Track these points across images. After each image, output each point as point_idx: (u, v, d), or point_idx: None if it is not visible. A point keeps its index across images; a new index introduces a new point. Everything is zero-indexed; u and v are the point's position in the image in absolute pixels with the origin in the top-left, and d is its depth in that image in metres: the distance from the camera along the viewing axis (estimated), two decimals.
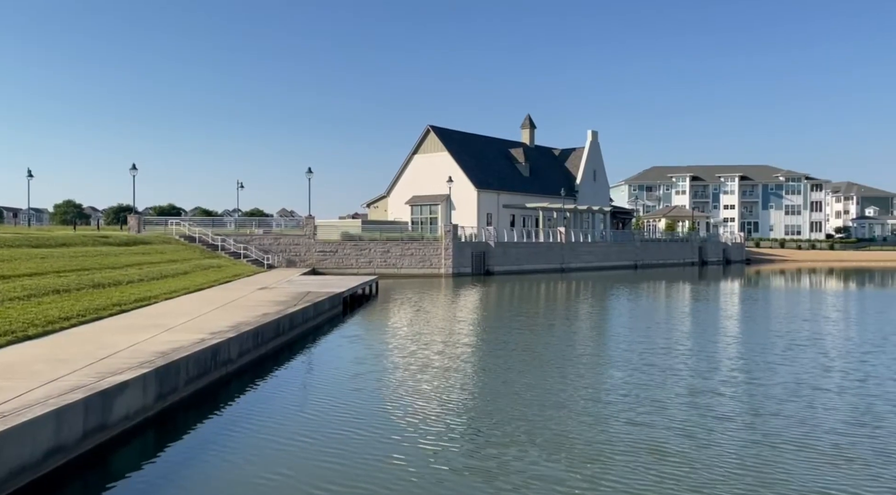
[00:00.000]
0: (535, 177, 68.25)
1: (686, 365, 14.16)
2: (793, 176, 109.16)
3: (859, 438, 8.86)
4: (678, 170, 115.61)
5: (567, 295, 35.18)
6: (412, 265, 48.80)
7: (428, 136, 62.34)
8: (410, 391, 11.82)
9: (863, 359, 14.87)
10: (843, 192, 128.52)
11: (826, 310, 26.65)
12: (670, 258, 71.63)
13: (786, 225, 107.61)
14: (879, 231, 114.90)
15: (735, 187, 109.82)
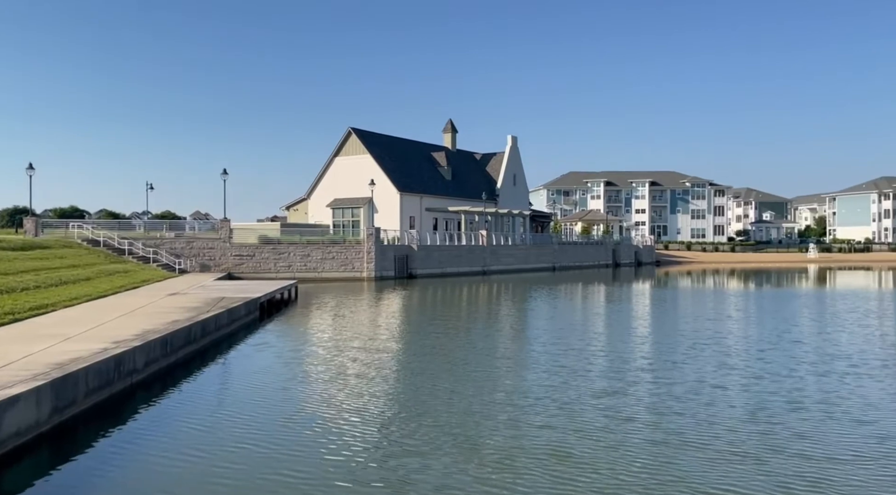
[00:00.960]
0: (458, 181, 68.87)
1: (596, 366, 14.61)
2: (698, 182, 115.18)
3: (755, 435, 9.39)
4: (593, 175, 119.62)
5: (488, 297, 35.66)
6: (333, 269, 48.14)
7: (349, 139, 61.74)
8: (324, 400, 11.64)
9: (760, 356, 15.81)
10: (742, 198, 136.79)
11: (728, 309, 28.23)
12: (586, 260, 73.96)
13: (692, 228, 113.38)
14: (775, 234, 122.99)
15: (646, 192, 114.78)
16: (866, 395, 11.70)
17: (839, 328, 21.39)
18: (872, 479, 7.59)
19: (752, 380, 12.99)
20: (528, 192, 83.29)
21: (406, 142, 67.50)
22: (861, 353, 16.24)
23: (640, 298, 34.88)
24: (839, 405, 10.98)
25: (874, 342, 18.33)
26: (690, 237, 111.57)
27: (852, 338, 18.97)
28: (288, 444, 9.11)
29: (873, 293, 38.52)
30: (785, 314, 26.00)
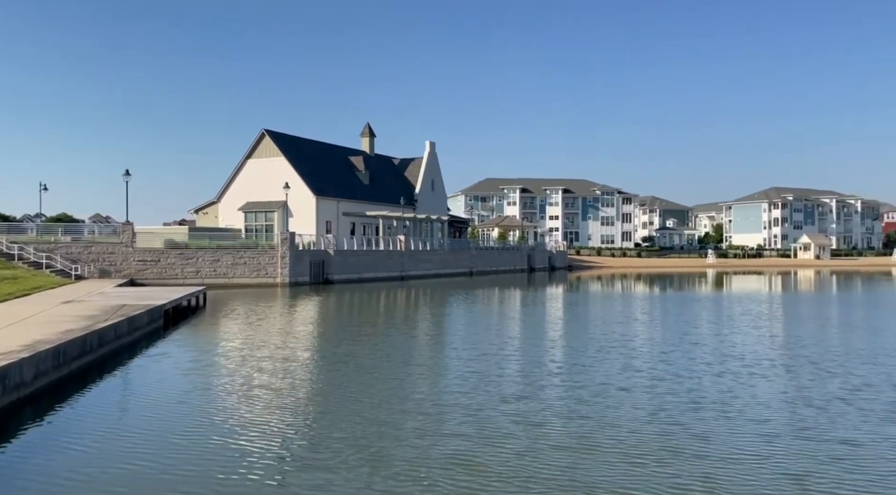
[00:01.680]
0: (376, 186, 68.44)
1: (507, 371, 14.79)
2: (607, 190, 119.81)
3: (656, 437, 9.71)
4: (510, 182, 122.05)
5: (405, 303, 35.58)
6: (245, 274, 46.65)
7: (263, 141, 60.10)
8: (226, 413, 11.18)
9: (662, 358, 16.50)
10: (648, 206, 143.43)
11: (634, 312, 29.43)
12: (502, 265, 75.26)
13: (602, 234, 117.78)
14: (678, 240, 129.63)
15: (559, 199, 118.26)
16: (758, 395, 12.43)
17: (734, 330, 22.71)
18: (764, 477, 8.03)
19: (654, 382, 13.53)
20: (447, 198, 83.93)
21: (322, 145, 66.47)
22: (754, 354, 17.29)
23: (554, 302, 35.80)
24: (733, 405, 11.60)
25: (765, 343, 19.58)
26: (600, 243, 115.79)
27: (746, 340, 20.18)
28: (183, 462, 8.64)
29: (764, 296, 41.24)
30: (686, 317, 27.36)
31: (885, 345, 18.76)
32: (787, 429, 9.98)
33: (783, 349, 18.30)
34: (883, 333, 21.71)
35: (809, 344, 19.17)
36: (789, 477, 7.95)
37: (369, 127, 73.69)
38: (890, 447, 9.10)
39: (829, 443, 9.25)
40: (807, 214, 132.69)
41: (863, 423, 10.32)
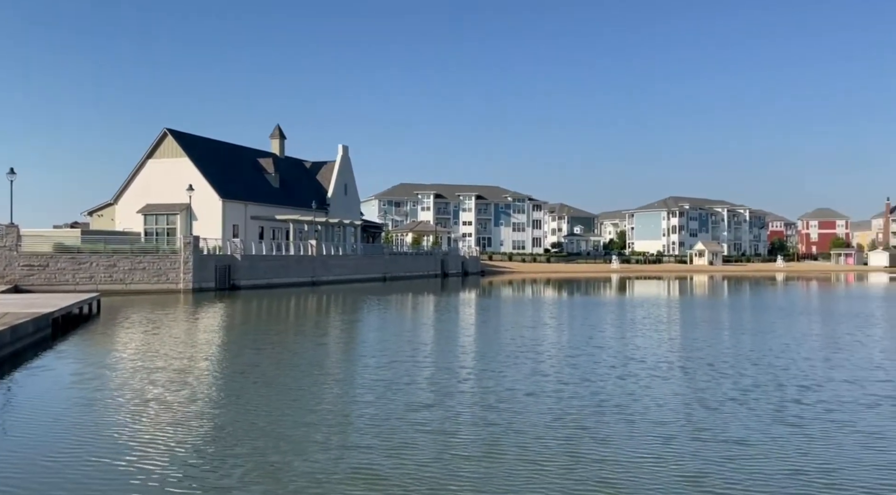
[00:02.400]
0: (286, 189, 66.76)
1: (416, 378, 14.61)
2: (518, 197, 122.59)
3: (562, 442, 9.79)
4: (423, 187, 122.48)
5: (317, 309, 34.76)
6: (145, 280, 44.25)
7: (165, 140, 57.30)
8: (113, 430, 10.35)
9: (569, 362, 16.85)
10: (557, 213, 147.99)
11: (543, 317, 30.07)
12: (416, 270, 75.26)
13: (513, 240, 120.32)
14: (584, 246, 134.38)
15: (472, 205, 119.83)
16: (658, 397, 12.88)
17: (636, 334, 23.61)
18: (662, 480, 8.25)
19: (560, 386, 13.76)
20: (360, 202, 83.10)
21: (230, 146, 64.18)
22: (654, 357, 17.99)
23: (466, 308, 36.04)
24: (634, 407, 11.95)
25: (664, 346, 20.45)
26: (512, 248, 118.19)
27: (647, 343, 21.00)
28: (56, 487, 7.91)
29: (663, 301, 43.29)
30: (591, 321, 28.22)
31: (771, 347, 20.02)
32: (684, 431, 10.35)
33: (681, 351, 19.16)
34: (769, 335, 23.20)
35: (704, 346, 20.18)
36: (686, 478, 8.21)
37: (279, 129, 71.85)
38: (778, 446, 9.60)
39: (724, 444, 9.66)
40: (701, 222, 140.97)
41: (753, 423, 10.87)
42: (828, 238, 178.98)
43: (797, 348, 19.77)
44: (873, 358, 18.08)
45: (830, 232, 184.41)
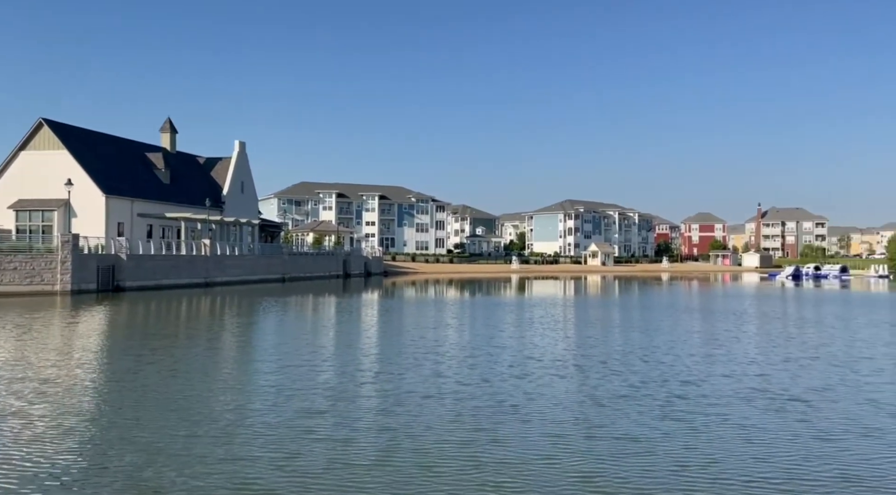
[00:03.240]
0: (177, 186, 63.39)
1: (310, 383, 14.06)
2: (422, 198, 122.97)
3: (459, 444, 9.68)
4: (325, 186, 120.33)
5: (209, 312, 33.07)
6: (16, 281, 40.64)
7: (41, 131, 52.83)
8: None
9: (469, 363, 16.84)
10: (459, 214, 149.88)
11: (446, 317, 30.12)
12: (317, 271, 73.64)
13: (416, 241, 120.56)
14: (486, 247, 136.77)
15: (375, 205, 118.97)
16: (554, 395, 13.08)
17: (534, 333, 24.10)
18: (556, 479, 8.30)
19: (460, 387, 13.69)
20: (258, 201, 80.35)
21: (114, 139, 60.12)
22: (551, 355, 18.37)
23: (368, 309, 35.54)
24: (531, 407, 12.04)
25: (560, 345, 20.95)
26: (415, 249, 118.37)
27: (544, 341, 21.46)
28: None
29: (559, 300, 44.66)
30: (492, 321, 28.57)
31: (658, 344, 21.00)
32: (577, 429, 10.52)
33: (576, 350, 19.69)
34: (656, 333, 24.36)
35: (598, 344, 20.87)
36: (578, 478, 8.29)
37: (170, 122, 68.11)
38: (665, 441, 9.94)
39: (615, 441, 9.89)
40: (595, 225, 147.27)
41: (643, 419, 11.23)
42: (707, 240, 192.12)
43: (682, 345, 20.85)
44: (748, 353, 19.35)
45: (710, 235, 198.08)
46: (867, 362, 17.62)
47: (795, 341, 22.20)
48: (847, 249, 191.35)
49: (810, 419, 11.24)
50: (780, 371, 16.10)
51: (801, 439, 10.02)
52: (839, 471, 8.55)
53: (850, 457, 9.14)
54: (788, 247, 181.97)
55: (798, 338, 22.97)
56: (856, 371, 16.14)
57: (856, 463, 8.91)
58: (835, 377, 15.26)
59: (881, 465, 8.83)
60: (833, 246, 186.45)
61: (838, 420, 11.20)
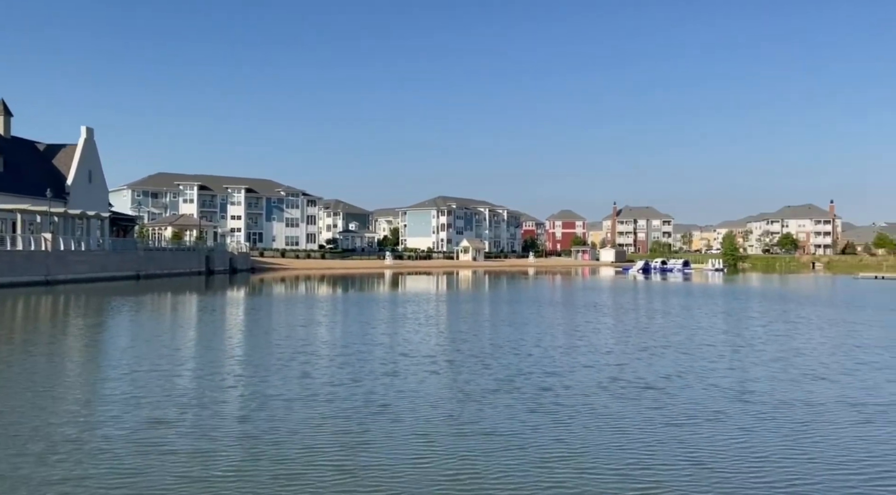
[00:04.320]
0: (13, 174, 56.91)
1: (160, 390, 12.96)
2: (292, 192, 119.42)
3: (322, 451, 9.28)
4: (186, 178, 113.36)
5: (52, 313, 29.80)
6: None
7: None
8: None
9: (341, 362, 16.33)
10: (332, 209, 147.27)
11: (317, 315, 29.24)
12: (177, 267, 69.19)
13: (286, 236, 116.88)
14: (359, 243, 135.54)
15: (242, 199, 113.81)
16: (425, 393, 12.95)
17: (408, 329, 23.96)
18: (427, 478, 8.14)
19: (330, 388, 13.20)
20: (109, 192, 74.07)
21: None
22: (423, 352, 18.27)
23: (233, 308, 33.74)
24: (402, 405, 11.83)
25: (432, 340, 20.97)
26: (285, 244, 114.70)
27: (418, 337, 21.36)
28: None
29: (432, 296, 45.04)
30: (365, 318, 28.12)
31: (525, 337, 21.63)
32: (447, 426, 10.44)
33: (448, 345, 19.78)
34: (525, 326, 25.13)
35: (470, 338, 21.12)
36: (447, 477, 8.18)
37: (4, 104, 60.95)
38: (535, 435, 10.11)
39: (485, 436, 9.91)
40: (467, 221, 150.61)
41: (513, 413, 11.38)
42: (570, 237, 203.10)
43: (547, 338, 21.61)
44: (607, 343, 20.42)
45: (571, 231, 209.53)
46: (709, 349, 19.18)
47: (648, 331, 23.78)
48: (689, 245, 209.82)
49: (664, 405, 11.95)
50: (636, 360, 17.09)
51: (655, 425, 10.59)
52: (689, 454, 9.09)
53: (698, 440, 9.77)
54: (640, 243, 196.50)
55: (650, 329, 24.63)
56: (700, 358, 17.50)
57: (704, 446, 9.53)
58: (683, 364, 16.42)
59: (726, 449, 9.50)
60: (677, 242, 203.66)
61: (687, 405, 12.00)
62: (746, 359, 17.42)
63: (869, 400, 12.43)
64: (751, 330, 24.45)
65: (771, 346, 19.87)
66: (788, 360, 17.13)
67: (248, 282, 60.22)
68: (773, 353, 18.38)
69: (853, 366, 16.23)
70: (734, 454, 9.15)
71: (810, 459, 8.92)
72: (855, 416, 11.19)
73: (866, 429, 10.39)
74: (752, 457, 8.99)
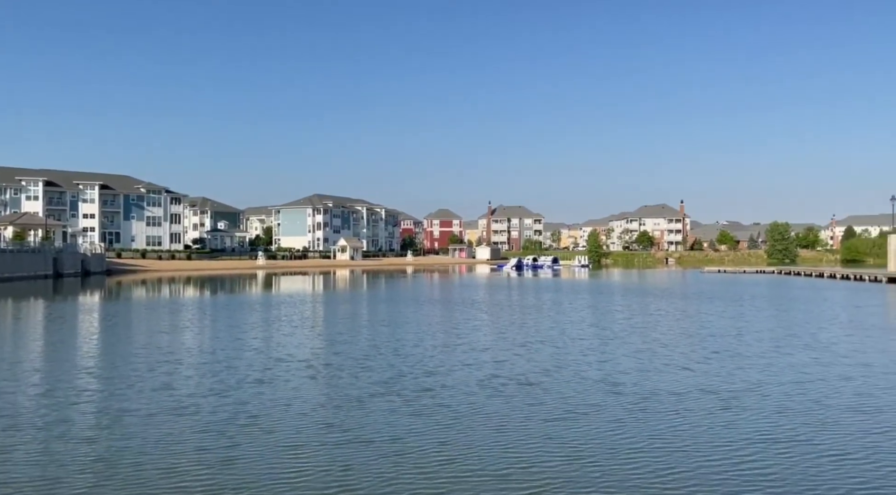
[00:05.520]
0: None
1: None
2: (153, 188, 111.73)
3: (184, 469, 8.49)
4: (30, 173, 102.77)
5: None
6: None
7: None
8: None
9: (212, 370, 15.21)
10: (199, 207, 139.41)
11: (183, 320, 27.24)
12: (18, 271, 62.42)
13: (148, 236, 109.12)
14: (229, 242, 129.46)
15: (95, 196, 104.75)
16: (301, 400, 12.28)
17: (282, 332, 22.91)
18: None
19: (192, 400, 12.17)
20: None
21: None
22: (300, 357, 17.46)
23: (86, 315, 30.71)
24: (273, 416, 11.16)
25: (309, 344, 20.14)
26: (146, 245, 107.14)
27: (292, 341, 20.45)
28: None
29: (308, 297, 43.74)
30: (235, 322, 26.62)
31: (404, 337, 21.38)
32: (325, 436, 9.91)
33: (326, 347, 19.08)
34: (404, 325, 24.90)
35: (347, 340, 20.52)
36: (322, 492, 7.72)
37: None
38: (417, 438, 9.84)
39: (363, 445, 9.48)
40: (344, 220, 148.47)
41: (392, 418, 11.03)
42: (447, 235, 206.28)
43: (427, 337, 21.50)
44: (485, 341, 20.64)
45: (448, 230, 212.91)
46: (581, 343, 19.93)
47: (524, 327, 24.37)
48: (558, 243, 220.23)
49: (542, 402, 12.10)
50: (514, 356, 17.34)
51: (535, 422, 10.68)
52: (568, 451, 9.21)
53: (576, 436, 9.94)
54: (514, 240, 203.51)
55: (525, 324, 25.28)
56: (574, 352, 18.09)
57: (582, 441, 9.70)
58: (558, 359, 16.87)
59: (602, 442, 9.72)
60: (548, 240, 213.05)
61: (564, 400, 12.25)
62: (617, 351, 18.24)
63: (724, 387, 13.34)
64: (617, 323, 25.79)
65: (636, 338, 21.00)
66: (653, 351, 18.14)
67: (103, 286, 55.44)
68: (638, 345, 19.40)
69: (709, 355, 17.46)
70: (610, 446, 9.38)
71: (679, 448, 9.32)
72: (714, 403, 11.93)
73: (725, 416, 11.09)
74: (627, 449, 9.26)
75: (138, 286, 56.21)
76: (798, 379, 14.03)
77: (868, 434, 9.94)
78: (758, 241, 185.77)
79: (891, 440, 9.65)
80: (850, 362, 16.25)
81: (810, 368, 15.40)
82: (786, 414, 11.14)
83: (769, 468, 8.42)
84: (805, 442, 9.50)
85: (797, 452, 9.08)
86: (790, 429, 10.17)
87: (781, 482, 7.94)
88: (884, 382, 13.80)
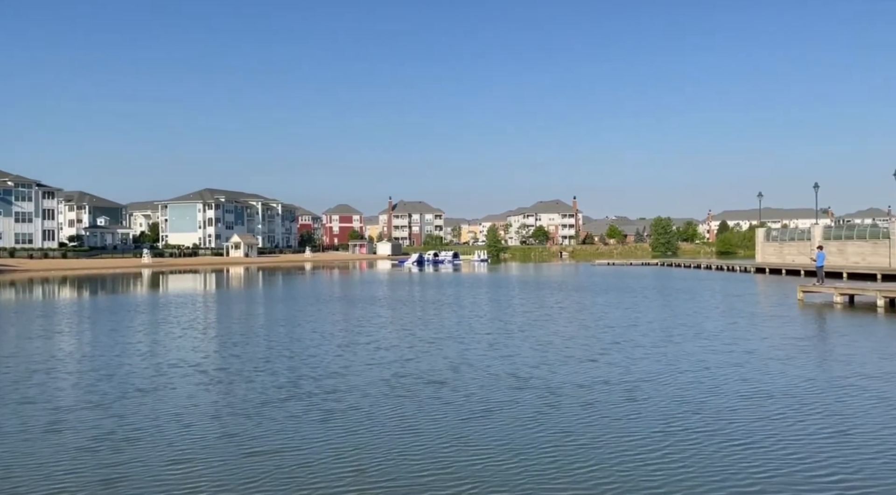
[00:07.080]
0: None
1: None
2: (23, 181, 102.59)
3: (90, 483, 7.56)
4: None
5: None
6: None
7: None
8: None
9: (84, 382, 13.83)
10: (75, 202, 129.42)
11: (58, 324, 24.84)
12: None
13: (17, 233, 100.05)
14: (111, 239, 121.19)
15: None
16: (193, 410, 11.36)
17: (169, 336, 21.38)
18: None
19: (61, 415, 10.94)
20: None
21: None
22: (190, 362, 16.31)
23: None
24: (157, 431, 10.22)
25: (200, 348, 18.89)
26: (16, 243, 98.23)
27: (182, 344, 19.11)
28: None
29: (199, 296, 41.47)
30: (115, 326, 24.61)
31: (305, 338, 20.53)
32: (217, 450, 9.14)
33: (219, 351, 17.94)
34: (302, 325, 23.96)
35: (243, 343, 19.41)
36: None
37: None
38: (323, 446, 9.28)
39: (265, 456, 8.84)
40: (238, 215, 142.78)
41: (290, 423, 10.39)
42: (347, 230, 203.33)
43: (328, 336, 20.77)
44: (389, 338, 20.19)
45: (349, 225, 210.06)
46: (486, 337, 19.94)
47: (429, 323, 24.13)
48: (459, 238, 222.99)
49: (451, 401, 11.84)
50: (421, 353, 17.03)
51: (445, 423, 10.38)
52: (479, 451, 8.98)
53: (487, 434, 9.73)
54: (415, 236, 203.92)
55: (429, 321, 25.05)
56: (479, 347, 18.02)
57: (493, 440, 9.51)
58: (465, 355, 16.72)
59: (511, 440, 9.57)
60: (448, 235, 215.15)
61: (473, 398, 12.05)
62: (522, 345, 18.36)
63: (626, 378, 13.66)
64: (519, 316, 26.12)
65: (539, 331, 21.30)
66: (554, 344, 18.41)
67: None
68: (541, 338, 19.66)
69: (608, 346, 17.94)
70: (525, 443, 9.25)
71: (589, 441, 9.34)
72: (619, 395, 12.15)
73: (631, 407, 11.29)
74: (541, 444, 9.16)
75: (6, 287, 51.18)
76: (693, 368, 14.63)
77: (763, 419, 10.42)
78: (643, 235, 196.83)
79: (786, 423, 10.16)
80: (736, 349, 17.19)
81: (702, 356, 16.15)
82: (686, 403, 11.50)
83: (676, 455, 8.58)
84: (707, 431, 9.80)
85: (701, 439, 9.33)
86: (692, 418, 10.48)
87: (689, 469, 8.08)
88: (768, 368, 14.66)
